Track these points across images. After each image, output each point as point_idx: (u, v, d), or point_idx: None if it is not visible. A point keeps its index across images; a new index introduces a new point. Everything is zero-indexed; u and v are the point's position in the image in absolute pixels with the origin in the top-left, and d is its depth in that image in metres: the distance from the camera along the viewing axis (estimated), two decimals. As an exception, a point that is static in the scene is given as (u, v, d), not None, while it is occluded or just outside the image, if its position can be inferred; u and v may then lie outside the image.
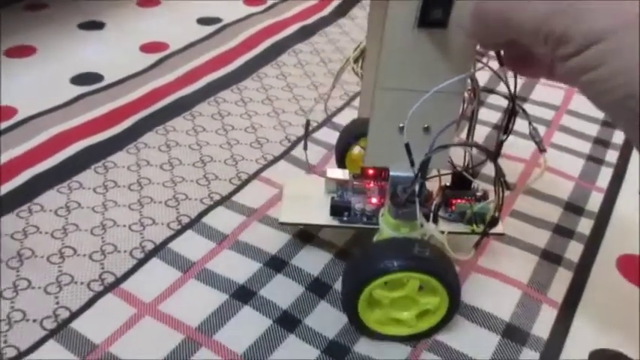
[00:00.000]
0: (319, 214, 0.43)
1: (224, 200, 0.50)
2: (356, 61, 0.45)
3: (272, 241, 0.46)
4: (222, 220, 0.48)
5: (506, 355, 0.38)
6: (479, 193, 0.42)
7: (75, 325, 0.39)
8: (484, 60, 0.34)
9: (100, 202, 0.49)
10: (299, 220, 0.43)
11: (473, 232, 0.41)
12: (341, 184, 0.44)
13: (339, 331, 0.39)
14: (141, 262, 0.44)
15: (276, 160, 0.55)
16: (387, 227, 0.37)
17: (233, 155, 0.56)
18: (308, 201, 0.44)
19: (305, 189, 0.45)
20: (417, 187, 0.34)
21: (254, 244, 0.45)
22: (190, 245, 0.45)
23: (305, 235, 0.46)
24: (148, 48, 0.72)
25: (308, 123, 0.43)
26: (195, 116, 0.61)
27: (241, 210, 0.49)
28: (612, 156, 0.58)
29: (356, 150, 0.49)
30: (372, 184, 0.43)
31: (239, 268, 0.43)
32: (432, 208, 0.38)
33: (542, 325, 0.40)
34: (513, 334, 0.40)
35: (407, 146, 0.33)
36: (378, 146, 0.36)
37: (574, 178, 0.55)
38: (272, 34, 0.77)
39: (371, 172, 0.43)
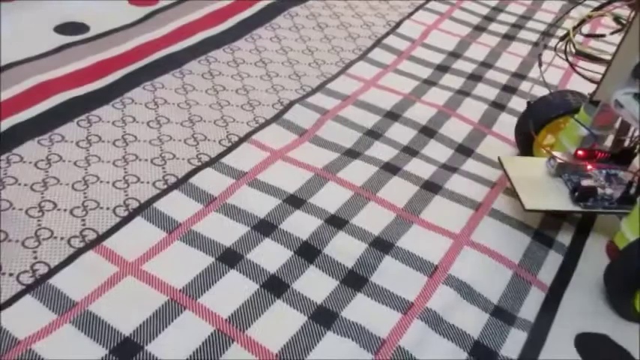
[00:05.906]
0: (561, 200, 0.43)
1: (213, 162, 0.48)
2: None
3: (261, 205, 0.44)
4: (211, 181, 0.46)
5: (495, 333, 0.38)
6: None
7: (53, 281, 0.37)
8: None
9: (83, 156, 0.47)
10: (544, 207, 0.44)
11: None
12: (566, 167, 0.44)
13: (328, 297, 0.39)
14: (124, 220, 0.42)
15: (267, 123, 0.54)
16: None
17: (223, 116, 0.54)
18: (541, 185, 0.44)
19: (529, 171, 0.45)
20: None
21: (242, 208, 0.44)
22: (176, 206, 0.44)
23: (294, 200, 0.45)
24: (137, 0, 0.69)
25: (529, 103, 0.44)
26: (185, 74, 0.59)
27: (230, 172, 0.47)
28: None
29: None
30: (590, 167, 0.44)
31: (226, 231, 0.42)
32: None
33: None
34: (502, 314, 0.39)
35: None
36: None
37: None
38: (268, -6, 0.75)
39: (580, 152, 0.43)
